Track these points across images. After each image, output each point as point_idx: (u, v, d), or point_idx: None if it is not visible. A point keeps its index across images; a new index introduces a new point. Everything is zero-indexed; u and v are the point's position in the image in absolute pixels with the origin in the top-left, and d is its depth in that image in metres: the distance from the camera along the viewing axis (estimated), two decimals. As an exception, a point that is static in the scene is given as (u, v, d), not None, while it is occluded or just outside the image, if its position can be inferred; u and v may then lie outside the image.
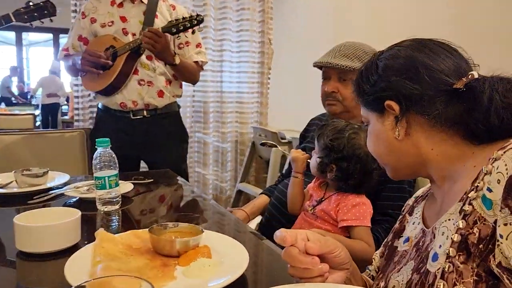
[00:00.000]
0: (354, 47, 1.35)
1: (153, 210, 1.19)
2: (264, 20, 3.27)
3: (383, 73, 0.70)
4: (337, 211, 1.17)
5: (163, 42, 1.73)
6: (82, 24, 1.96)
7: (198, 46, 1.99)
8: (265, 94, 3.39)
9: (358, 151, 1.14)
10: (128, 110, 1.90)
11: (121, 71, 1.83)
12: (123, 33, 1.88)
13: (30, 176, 1.22)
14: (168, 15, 1.93)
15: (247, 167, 3.36)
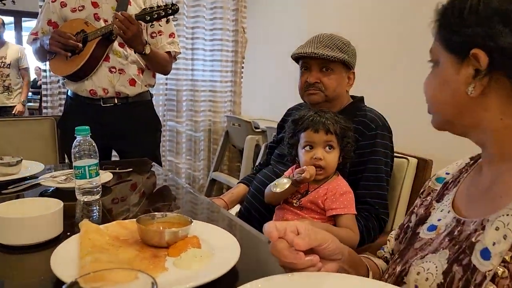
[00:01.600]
0: (333, 38, 1.37)
1: (134, 199, 1.17)
2: (237, 8, 3.25)
3: (485, 14, 0.57)
4: (324, 200, 1.18)
5: (134, 29, 1.66)
6: (52, 8, 1.87)
7: (171, 36, 1.94)
8: (238, 83, 3.39)
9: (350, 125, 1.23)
10: (98, 97, 1.84)
11: (91, 56, 1.76)
12: (95, 19, 1.82)
13: (3, 165, 1.17)
14: (142, 3, 1.87)
15: (220, 156, 3.36)
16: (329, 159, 1.18)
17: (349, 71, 1.38)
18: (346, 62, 1.33)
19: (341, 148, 1.20)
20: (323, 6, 2.97)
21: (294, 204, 1.23)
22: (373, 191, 1.30)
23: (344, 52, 1.33)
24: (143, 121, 1.97)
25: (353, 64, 1.37)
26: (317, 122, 1.18)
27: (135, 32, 1.66)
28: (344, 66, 1.35)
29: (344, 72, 1.36)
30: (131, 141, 1.92)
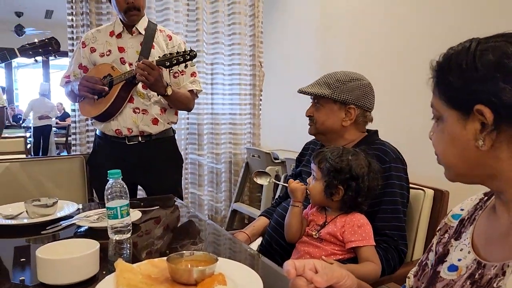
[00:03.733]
0: (329, 75, 1.47)
1: (161, 236, 1.24)
2: (254, 44, 3.38)
3: (485, 70, 0.58)
4: (342, 233, 1.23)
5: (156, 75, 1.78)
6: (82, 53, 2.02)
7: (193, 75, 2.06)
8: (257, 115, 3.48)
9: (363, 170, 1.23)
10: (124, 136, 1.96)
11: (116, 99, 1.89)
12: (121, 62, 1.96)
13: (41, 207, 1.26)
14: (164, 45, 2.01)
15: (241, 187, 3.42)
16: (311, 187, 1.30)
17: (345, 106, 1.42)
18: (333, 98, 1.41)
19: (331, 183, 1.24)
20: (337, 41, 3.07)
21: (314, 236, 1.28)
22: (391, 223, 1.33)
23: (334, 88, 1.41)
24: (165, 157, 2.07)
25: (347, 100, 1.41)
26: (314, 155, 1.30)
27: (156, 77, 1.78)
28: (335, 102, 1.42)
29: (336, 108, 1.43)
30: (155, 176, 2.02)
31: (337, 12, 3.05)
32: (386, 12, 2.60)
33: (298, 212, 1.33)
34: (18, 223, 1.23)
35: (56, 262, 0.82)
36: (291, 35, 3.64)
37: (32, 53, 1.90)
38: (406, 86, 2.47)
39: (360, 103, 1.44)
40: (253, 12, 3.35)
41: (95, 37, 2.02)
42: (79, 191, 2.04)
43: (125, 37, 1.99)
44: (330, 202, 1.27)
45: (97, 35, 2.02)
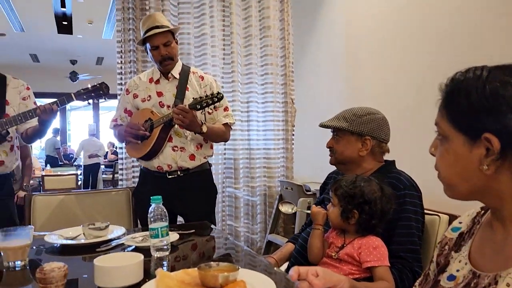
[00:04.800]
0: (347, 110, 1.62)
1: (196, 254, 1.41)
2: (286, 82, 3.59)
3: (493, 100, 0.61)
4: (359, 254, 1.35)
5: (190, 117, 2.00)
6: (127, 99, 2.30)
7: (225, 110, 2.28)
8: (290, 149, 3.64)
9: (375, 195, 1.36)
10: (164, 171, 2.18)
11: (157, 140, 2.13)
12: (160, 106, 2.20)
13: (95, 230, 1.47)
14: (197, 86, 2.22)
15: (275, 219, 3.54)
16: (330, 212, 1.43)
17: (361, 138, 1.57)
18: (350, 130, 1.56)
19: (346, 207, 1.37)
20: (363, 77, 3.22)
21: (333, 257, 1.40)
22: (406, 246, 1.42)
23: (351, 122, 1.56)
24: (201, 188, 2.25)
25: (363, 131, 1.56)
26: (331, 184, 1.45)
27: (191, 119, 2.00)
28: (352, 134, 1.56)
29: (353, 139, 1.57)
30: (191, 205, 2.20)
31: (362, 50, 3.23)
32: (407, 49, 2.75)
33: (319, 234, 1.46)
34: (77, 243, 1.45)
35: (110, 269, 1.01)
36: (320, 73, 3.84)
37: (86, 97, 2.18)
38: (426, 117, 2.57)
39: (375, 134, 1.57)
40: (284, 54, 3.59)
41: (137, 84, 2.29)
42: (125, 220, 2.25)
43: (162, 83, 2.24)
44: (347, 225, 1.40)
45: (138, 82, 2.29)
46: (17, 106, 2.24)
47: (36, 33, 7.54)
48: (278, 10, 3.56)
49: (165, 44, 2.14)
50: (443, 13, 2.46)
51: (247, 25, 3.49)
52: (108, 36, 7.70)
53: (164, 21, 2.20)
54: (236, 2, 3.44)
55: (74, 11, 6.46)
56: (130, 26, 3.17)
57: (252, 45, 3.48)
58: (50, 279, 0.83)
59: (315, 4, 3.82)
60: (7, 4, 5.99)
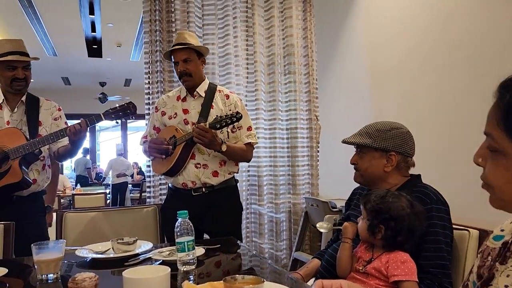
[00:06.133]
0: (370, 126, 1.61)
1: (221, 268, 1.42)
2: (310, 99, 3.61)
3: None
4: (387, 268, 1.33)
5: (209, 136, 2.05)
6: (155, 117, 2.37)
7: (248, 130, 2.29)
8: (315, 166, 3.63)
9: (403, 212, 1.34)
10: (189, 188, 2.22)
11: (180, 157, 2.17)
12: (184, 123, 2.25)
13: (124, 244, 1.51)
14: (222, 104, 2.27)
15: (301, 236, 3.52)
16: (359, 224, 1.43)
17: (386, 154, 1.55)
18: (374, 147, 1.54)
19: (373, 222, 1.36)
20: (387, 94, 3.21)
21: (360, 271, 1.39)
22: (434, 261, 1.39)
23: (374, 138, 1.55)
24: (227, 206, 2.27)
25: (388, 147, 1.54)
26: (362, 196, 1.45)
27: (210, 138, 2.05)
28: (376, 150, 1.55)
29: (377, 155, 1.55)
30: (216, 222, 2.21)
31: (386, 66, 3.22)
32: (432, 63, 2.73)
33: (347, 247, 1.46)
34: (106, 257, 1.48)
35: (138, 281, 1.03)
36: (344, 89, 3.85)
37: (114, 116, 2.26)
38: (452, 131, 2.54)
39: (400, 149, 1.55)
40: (307, 71, 3.62)
41: (165, 102, 2.36)
42: (152, 236, 2.28)
43: (189, 100, 2.30)
44: (374, 239, 1.39)
45: (167, 100, 2.37)
46: (49, 127, 2.34)
47: (68, 57, 7.87)
48: (301, 28, 3.61)
49: (185, 60, 2.21)
50: (467, 26, 2.45)
51: (270, 44, 3.55)
52: (135, 58, 7.95)
53: (191, 39, 2.26)
54: (259, 22, 3.51)
55: (103, 35, 6.73)
56: (157, 48, 3.28)
57: (275, 63, 3.53)
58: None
59: (338, 21, 3.86)
60: (41, 30, 6.30)
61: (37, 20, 5.87)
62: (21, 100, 2.30)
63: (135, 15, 5.59)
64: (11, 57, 2.19)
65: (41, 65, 8.01)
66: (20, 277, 1.42)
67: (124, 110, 2.24)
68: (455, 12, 2.53)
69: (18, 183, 2.12)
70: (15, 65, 2.21)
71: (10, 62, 2.19)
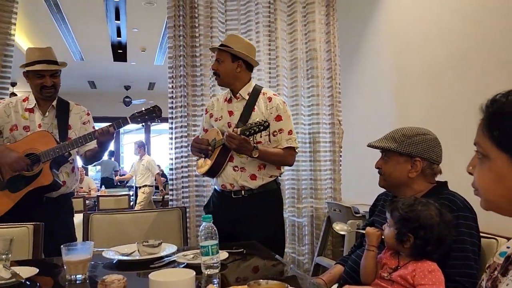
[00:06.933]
0: (395, 130, 1.59)
1: (244, 273, 1.43)
2: (333, 103, 3.59)
3: None
4: (413, 276, 1.31)
5: (237, 143, 2.06)
6: (205, 119, 2.44)
7: (289, 133, 2.26)
8: (337, 171, 3.60)
9: (432, 221, 1.32)
10: (229, 190, 2.24)
11: (217, 160, 2.21)
12: (228, 126, 2.27)
13: (149, 247, 1.54)
14: (264, 108, 2.26)
15: (323, 241, 3.49)
16: (385, 233, 1.40)
17: (411, 159, 1.53)
18: (398, 151, 1.52)
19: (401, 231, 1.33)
20: (414, 98, 3.17)
21: (385, 278, 1.37)
22: (461, 269, 1.36)
23: (399, 142, 1.53)
24: (265, 210, 2.25)
25: (413, 153, 1.52)
26: (388, 204, 1.42)
27: (238, 144, 2.06)
28: (401, 155, 1.53)
29: (402, 160, 1.54)
30: (254, 227, 2.19)
31: (412, 71, 3.18)
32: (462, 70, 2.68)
33: (372, 255, 1.44)
34: (132, 259, 1.52)
35: (164, 284, 1.05)
36: (368, 93, 3.81)
37: (140, 120, 2.31)
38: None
39: (426, 155, 1.53)
40: (330, 75, 3.60)
41: (214, 104, 2.42)
42: (176, 238, 2.31)
43: (233, 102, 2.32)
44: (401, 248, 1.36)
45: (215, 103, 2.42)
46: (78, 130, 2.41)
47: (94, 61, 8.07)
48: (324, 33, 3.60)
49: (217, 60, 2.27)
50: (496, 32, 2.39)
51: (293, 48, 3.56)
52: (159, 62, 8.08)
53: (233, 42, 2.30)
54: (282, 26, 3.52)
55: (128, 40, 6.87)
56: (181, 52, 3.32)
57: (298, 67, 3.53)
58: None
59: (362, 25, 3.84)
60: (68, 35, 6.48)
61: (65, 26, 6.04)
62: (52, 104, 2.38)
63: (159, 20, 5.68)
64: (38, 66, 2.26)
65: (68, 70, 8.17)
66: (50, 277, 1.47)
67: (150, 113, 2.29)
68: (488, 15, 2.47)
69: (49, 185, 2.18)
70: (43, 73, 2.28)
71: (38, 71, 2.27)
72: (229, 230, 2.18)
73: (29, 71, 2.29)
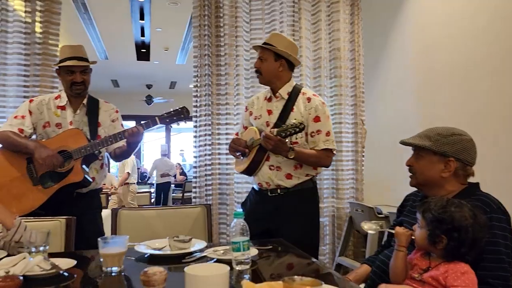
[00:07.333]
0: (430, 129, 1.57)
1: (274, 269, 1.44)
2: (356, 103, 3.58)
3: None
4: (445, 278, 1.29)
5: (272, 144, 2.07)
6: (244, 116, 2.46)
7: (327, 135, 2.23)
8: (359, 171, 3.59)
9: (466, 222, 1.30)
10: (265, 188, 2.26)
11: (254, 159, 2.24)
12: (266, 125, 2.28)
13: (180, 242, 1.57)
14: (303, 108, 2.24)
15: (345, 241, 3.49)
16: (416, 234, 1.39)
17: (444, 158, 1.51)
18: (433, 150, 1.51)
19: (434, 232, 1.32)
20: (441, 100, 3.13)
21: (416, 278, 1.37)
22: (495, 272, 1.34)
23: (434, 141, 1.51)
24: (299, 208, 2.24)
25: (447, 152, 1.50)
26: (419, 205, 1.41)
27: (274, 145, 2.07)
28: (435, 154, 1.51)
29: (435, 159, 1.52)
30: (286, 225, 2.19)
31: (439, 72, 3.14)
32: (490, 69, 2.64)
33: (402, 256, 1.42)
34: (163, 254, 1.55)
35: (200, 278, 1.07)
36: (392, 93, 3.77)
37: (169, 120, 2.34)
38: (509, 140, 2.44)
39: (460, 156, 1.51)
40: (354, 75, 3.59)
41: (254, 102, 2.43)
42: (201, 235, 2.33)
43: (273, 101, 2.33)
44: (434, 249, 1.35)
45: (255, 101, 2.43)
46: (108, 128, 2.46)
47: (118, 60, 8.21)
48: (348, 32, 3.59)
49: (260, 58, 2.29)
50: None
51: (317, 48, 3.56)
52: (181, 62, 8.16)
53: (277, 40, 2.28)
54: (306, 26, 3.53)
55: (152, 39, 6.97)
56: (205, 52, 3.36)
57: (321, 67, 3.53)
58: (153, 282, 0.92)
59: (387, 24, 3.80)
60: (95, 35, 6.61)
61: (92, 26, 6.17)
62: (82, 102, 2.44)
63: (183, 20, 5.75)
64: (69, 62, 2.33)
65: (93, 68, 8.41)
66: (87, 269, 1.51)
67: (178, 114, 2.32)
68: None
69: (80, 182, 2.24)
70: (73, 69, 2.34)
71: (69, 67, 2.34)
72: (265, 228, 2.20)
73: (61, 68, 2.36)
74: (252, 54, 3.46)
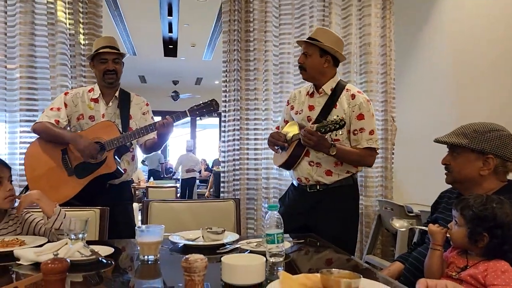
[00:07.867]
0: (466, 126, 1.53)
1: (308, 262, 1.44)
2: (386, 100, 3.52)
3: None
4: (485, 276, 1.25)
5: (314, 140, 2.01)
6: (286, 110, 2.44)
7: (371, 133, 2.16)
8: (389, 168, 3.53)
9: (508, 218, 1.26)
10: (304, 184, 2.24)
11: (292, 154, 2.20)
12: (307, 120, 2.25)
13: (213, 233, 1.58)
14: (346, 104, 2.16)
15: (373, 239, 3.44)
16: (453, 232, 1.35)
17: (483, 156, 1.46)
18: (470, 148, 1.46)
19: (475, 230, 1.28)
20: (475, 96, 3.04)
21: (453, 277, 1.34)
22: (535, 271, 1.31)
23: (471, 138, 1.47)
24: (337, 205, 2.20)
25: (485, 149, 1.46)
26: (457, 202, 1.36)
27: (316, 141, 2.02)
28: (473, 151, 1.47)
29: (473, 157, 1.48)
30: (322, 222, 2.16)
31: (473, 68, 3.05)
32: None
33: (438, 255, 1.38)
34: (197, 244, 1.57)
35: (238, 267, 1.08)
36: (425, 89, 3.70)
37: (198, 113, 2.37)
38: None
39: (500, 152, 1.46)
40: (385, 70, 3.53)
41: (295, 96, 2.38)
42: (231, 228, 2.35)
43: (315, 96, 2.27)
44: (474, 247, 1.31)
45: (297, 95, 2.38)
46: (139, 120, 2.51)
47: (146, 56, 8.34)
48: (380, 27, 3.53)
49: (304, 53, 2.22)
50: None
51: (347, 43, 3.51)
52: (207, 58, 8.22)
53: (320, 35, 2.22)
54: (336, 20, 3.49)
55: (180, 35, 7.04)
56: (235, 47, 3.38)
57: (351, 62, 3.48)
58: (194, 269, 0.93)
59: (420, 19, 3.72)
60: (124, 32, 6.73)
61: (121, 22, 6.29)
62: (115, 95, 2.49)
63: (210, 16, 5.79)
64: (102, 50, 2.40)
65: (122, 64, 8.58)
66: (124, 256, 1.55)
67: (208, 107, 2.34)
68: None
69: (113, 173, 2.29)
70: (106, 57, 2.40)
71: (102, 54, 2.39)
72: (303, 223, 2.19)
73: (95, 58, 2.42)
74: (281, 49, 3.45)
